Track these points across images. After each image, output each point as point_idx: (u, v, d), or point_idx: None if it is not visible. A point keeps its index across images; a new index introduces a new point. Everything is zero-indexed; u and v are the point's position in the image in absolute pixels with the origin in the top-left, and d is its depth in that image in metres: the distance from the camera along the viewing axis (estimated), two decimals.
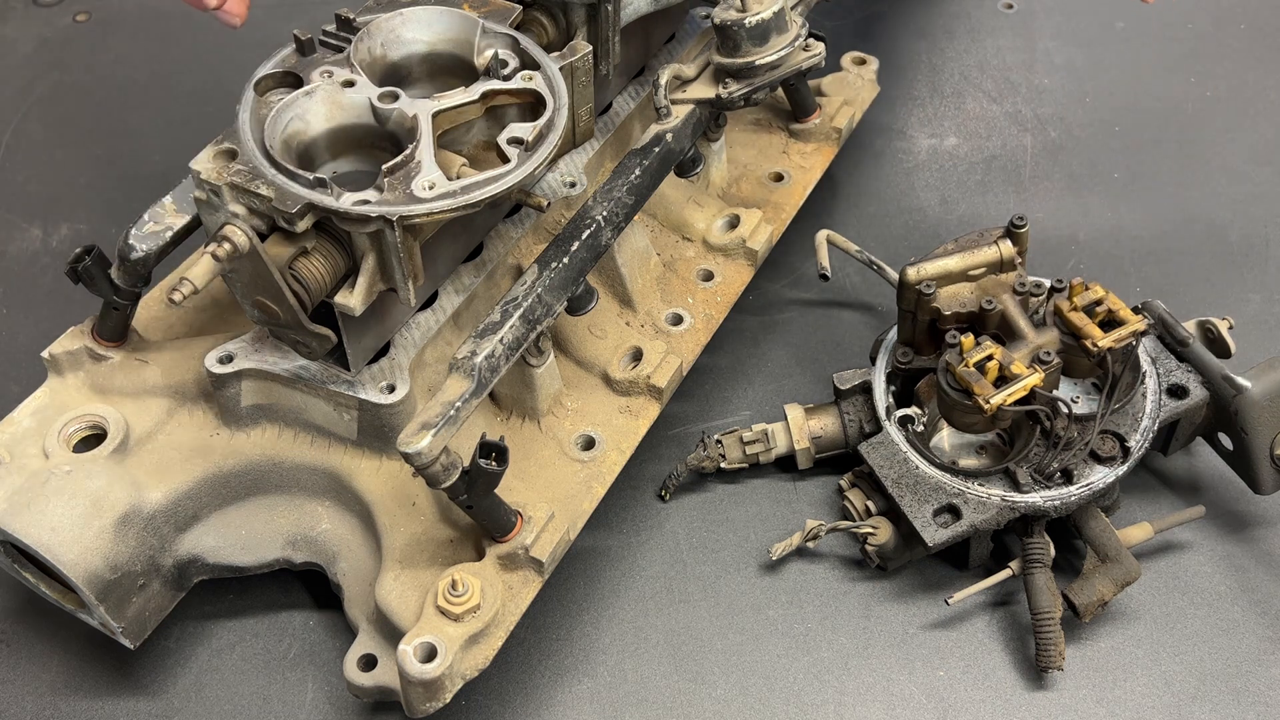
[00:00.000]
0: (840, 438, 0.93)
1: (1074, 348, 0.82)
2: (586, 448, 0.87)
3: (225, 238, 0.70)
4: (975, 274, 0.86)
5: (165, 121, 1.25)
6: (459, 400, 0.73)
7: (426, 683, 0.72)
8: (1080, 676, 0.84)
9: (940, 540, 0.82)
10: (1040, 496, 0.83)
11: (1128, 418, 0.86)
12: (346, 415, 0.81)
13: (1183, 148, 1.21)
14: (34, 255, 1.14)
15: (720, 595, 0.89)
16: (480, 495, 0.73)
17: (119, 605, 0.78)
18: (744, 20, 0.88)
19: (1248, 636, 0.86)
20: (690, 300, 0.96)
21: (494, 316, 0.77)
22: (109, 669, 0.86)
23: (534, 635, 0.87)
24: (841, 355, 1.03)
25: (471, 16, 0.80)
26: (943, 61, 1.32)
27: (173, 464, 0.81)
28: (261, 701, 0.84)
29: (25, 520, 0.76)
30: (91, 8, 1.40)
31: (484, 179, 0.73)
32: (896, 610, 0.88)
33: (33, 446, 0.80)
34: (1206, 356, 0.88)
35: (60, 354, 0.84)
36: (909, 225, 1.15)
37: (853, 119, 1.12)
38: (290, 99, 0.75)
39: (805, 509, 0.93)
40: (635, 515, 0.93)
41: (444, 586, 0.74)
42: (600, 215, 0.84)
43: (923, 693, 0.84)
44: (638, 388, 0.89)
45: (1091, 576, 0.83)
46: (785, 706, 0.84)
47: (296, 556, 0.84)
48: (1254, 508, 0.92)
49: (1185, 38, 1.33)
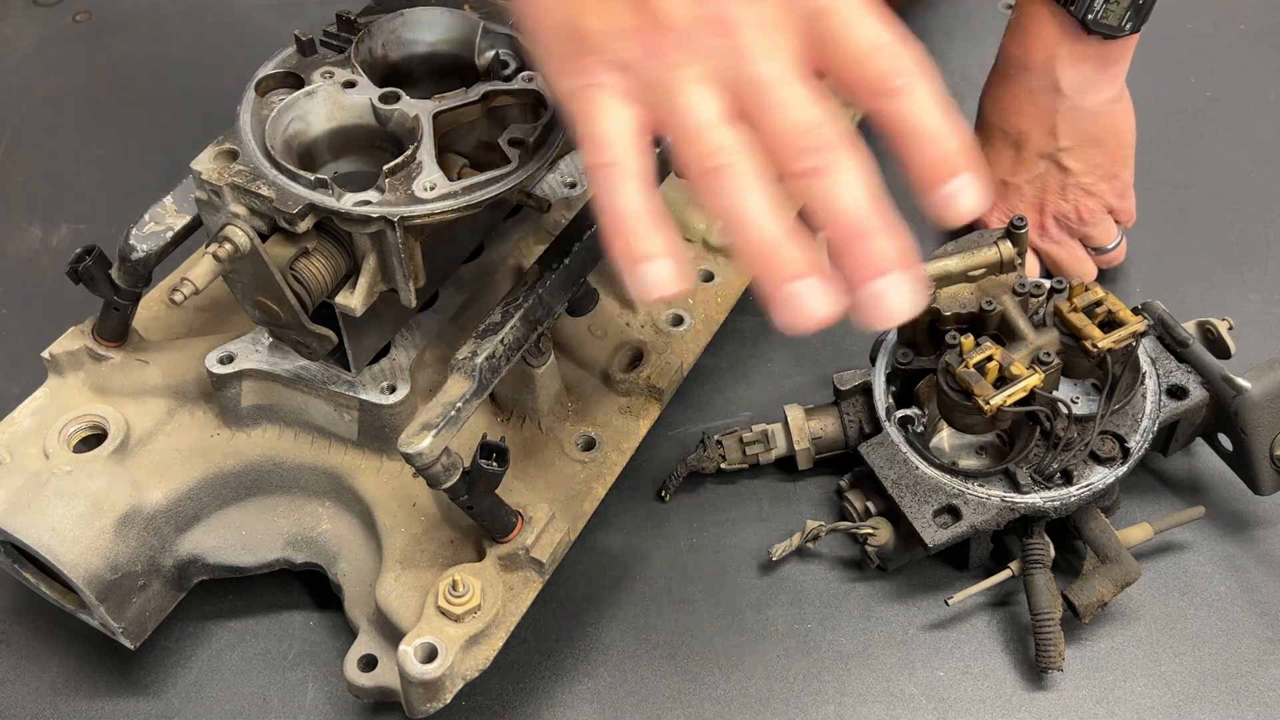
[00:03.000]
0: (840, 438, 0.93)
1: (1074, 349, 0.82)
2: (587, 448, 0.87)
3: (226, 238, 0.70)
4: (975, 275, 0.86)
5: (165, 121, 1.25)
6: (460, 401, 0.73)
7: (427, 683, 0.72)
8: (1080, 677, 0.84)
9: (940, 541, 0.82)
10: (1040, 497, 0.83)
11: (1127, 418, 0.86)
12: (347, 416, 0.81)
13: (1183, 148, 1.21)
14: (34, 255, 1.14)
15: (720, 595, 0.89)
16: (481, 496, 0.73)
17: (119, 605, 0.78)
18: None
19: (1248, 637, 0.86)
20: (690, 301, 0.96)
21: (495, 317, 0.77)
22: (109, 669, 0.86)
23: (534, 635, 0.87)
24: (841, 356, 1.03)
25: (472, 17, 0.80)
26: (943, 61, 1.31)
27: (173, 464, 0.81)
28: (261, 702, 0.84)
29: (25, 520, 0.76)
30: (91, 8, 1.40)
31: (485, 180, 0.73)
32: (896, 611, 0.88)
33: (33, 446, 0.80)
34: (1206, 357, 0.88)
35: (60, 354, 0.84)
36: (909, 226, 1.15)
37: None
38: (291, 99, 0.75)
39: (805, 509, 0.93)
40: (635, 515, 0.94)
41: (444, 587, 0.74)
42: None
43: (923, 693, 0.84)
44: (638, 388, 0.89)
45: (1091, 577, 0.83)
46: (785, 706, 0.84)
47: (297, 557, 0.84)
48: (1254, 508, 0.92)
49: (1185, 38, 1.33)
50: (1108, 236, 1.06)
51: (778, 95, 0.56)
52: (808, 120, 0.55)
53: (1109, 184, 1.04)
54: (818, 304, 0.56)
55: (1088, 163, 1.02)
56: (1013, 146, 1.04)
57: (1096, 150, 1.02)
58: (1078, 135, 1.01)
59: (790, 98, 0.56)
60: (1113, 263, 1.08)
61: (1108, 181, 1.04)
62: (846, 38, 0.57)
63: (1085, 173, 1.03)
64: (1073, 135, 1.01)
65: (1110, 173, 1.03)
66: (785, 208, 0.56)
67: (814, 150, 0.55)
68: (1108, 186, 1.04)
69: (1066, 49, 0.98)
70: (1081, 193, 1.03)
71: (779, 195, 0.56)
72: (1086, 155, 1.02)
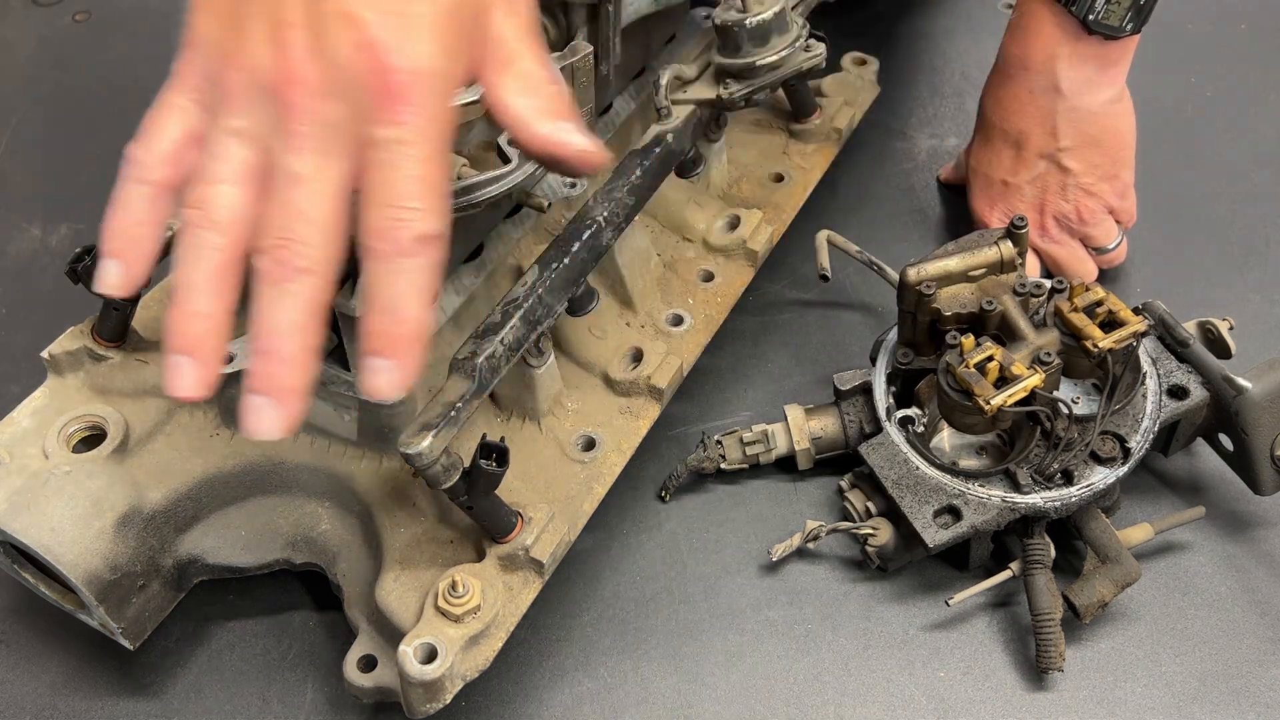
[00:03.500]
0: (840, 438, 0.93)
1: (1074, 349, 0.82)
2: (587, 448, 0.86)
3: None
4: (975, 275, 0.86)
5: None
6: (460, 401, 0.73)
7: (427, 684, 0.72)
8: (1080, 677, 0.84)
9: (941, 541, 0.82)
10: (1041, 497, 0.83)
11: (1128, 418, 0.86)
12: (347, 416, 0.81)
13: (1183, 148, 1.21)
14: (34, 255, 1.14)
15: (720, 596, 0.89)
16: (480, 496, 0.73)
17: (119, 606, 0.78)
18: (745, 21, 0.88)
19: (1248, 637, 0.86)
20: (690, 301, 0.96)
21: (494, 317, 0.77)
22: (109, 669, 0.86)
23: (534, 635, 0.87)
24: (841, 356, 1.03)
25: None
26: (943, 61, 1.32)
27: (173, 464, 0.81)
28: (261, 702, 0.84)
29: (25, 521, 0.76)
30: (91, 8, 1.40)
31: (485, 179, 0.73)
32: (897, 611, 0.88)
33: (32, 447, 0.80)
34: (1207, 357, 0.88)
35: (60, 354, 0.84)
36: (909, 226, 1.15)
37: (853, 119, 1.12)
38: None
39: (805, 510, 0.93)
40: (635, 516, 0.93)
41: (444, 587, 0.74)
42: (601, 216, 0.84)
43: (923, 693, 0.84)
44: (638, 388, 0.89)
45: (1092, 577, 0.83)
46: (785, 706, 0.84)
47: (296, 557, 0.84)
48: (1254, 508, 0.92)
49: (1185, 38, 1.33)
50: (1108, 236, 1.06)
51: (296, 191, 0.55)
52: (302, 229, 0.55)
53: (1109, 184, 1.04)
54: (183, 381, 0.57)
55: (1088, 163, 1.02)
56: (1013, 146, 1.04)
57: (1096, 150, 1.02)
58: (1078, 135, 1.01)
59: (305, 201, 0.55)
60: (1113, 263, 1.08)
61: (1108, 182, 1.04)
62: (380, 177, 0.56)
63: (1085, 173, 1.03)
64: (1073, 135, 1.01)
65: (1110, 173, 1.03)
66: (229, 288, 0.57)
67: (284, 252, 0.55)
68: (1108, 187, 1.04)
69: (1067, 49, 0.98)
70: (1082, 193, 1.03)
71: (232, 275, 0.57)
72: (1086, 155, 1.02)
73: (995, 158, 1.06)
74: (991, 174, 1.07)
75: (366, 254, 0.56)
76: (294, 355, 0.55)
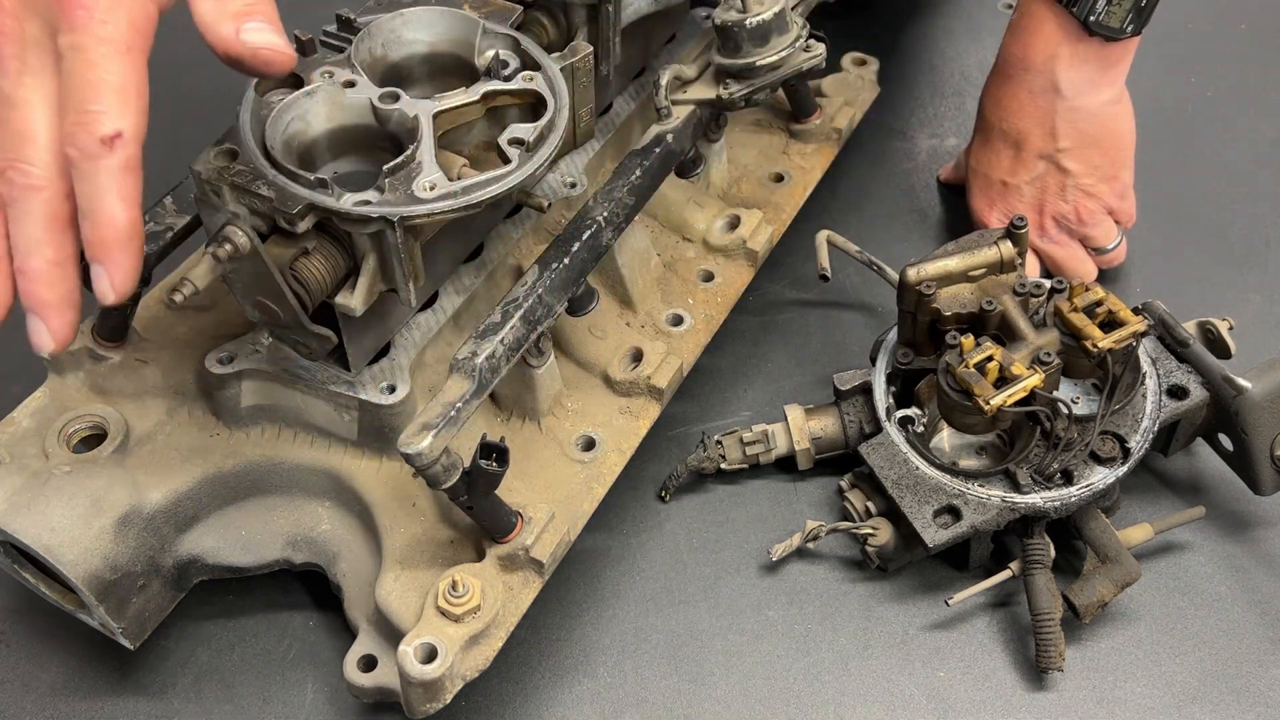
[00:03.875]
0: (840, 438, 0.93)
1: (1074, 349, 0.82)
2: (587, 448, 0.86)
3: (226, 238, 0.70)
4: (975, 275, 0.86)
5: (165, 121, 1.24)
6: (460, 401, 0.73)
7: (427, 683, 0.72)
8: (1080, 677, 0.84)
9: (940, 541, 0.82)
10: (1040, 497, 0.83)
11: (1128, 418, 0.86)
12: (347, 416, 0.81)
13: (1183, 148, 1.21)
14: None
15: (720, 596, 0.89)
16: (480, 496, 0.73)
17: (119, 605, 0.78)
18: (745, 21, 0.88)
19: (1248, 637, 0.86)
20: (690, 301, 0.96)
21: (494, 317, 0.77)
22: (109, 669, 0.86)
23: (534, 635, 0.87)
24: (841, 355, 1.03)
25: (472, 17, 0.80)
26: (943, 61, 1.32)
27: (173, 464, 0.81)
28: (261, 702, 0.84)
29: (25, 520, 0.76)
30: None
31: (485, 179, 0.73)
32: (896, 611, 0.88)
33: (32, 446, 0.80)
34: (1207, 357, 0.88)
35: (60, 354, 0.84)
36: (909, 225, 1.15)
37: (853, 119, 1.12)
38: (291, 99, 0.75)
39: (805, 510, 0.93)
40: (635, 516, 0.94)
41: (444, 587, 0.74)
42: (601, 216, 0.84)
43: (923, 693, 0.84)
44: (638, 388, 0.89)
45: (1091, 577, 0.83)
46: (785, 706, 0.84)
47: (296, 557, 0.84)
48: (1254, 508, 0.92)
49: (1185, 38, 1.33)
50: (1107, 237, 1.06)
51: (12, 114, 0.58)
52: (21, 148, 0.58)
53: (1108, 185, 1.04)
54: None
55: (1087, 164, 1.02)
56: (1012, 147, 1.04)
57: (1096, 151, 1.02)
58: (1077, 136, 1.01)
59: (20, 122, 0.58)
60: (1113, 263, 1.08)
61: (1107, 182, 1.04)
62: (65, 85, 0.57)
63: (1085, 174, 1.03)
64: (1072, 136, 1.01)
65: (1110, 174, 1.03)
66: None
67: (11, 172, 0.58)
68: (1107, 187, 1.04)
69: (1067, 50, 0.98)
70: (1081, 193, 1.03)
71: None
72: (1086, 156, 1.02)
73: (995, 158, 1.06)
74: (991, 174, 1.07)
75: (69, 165, 0.57)
76: (40, 269, 0.58)
